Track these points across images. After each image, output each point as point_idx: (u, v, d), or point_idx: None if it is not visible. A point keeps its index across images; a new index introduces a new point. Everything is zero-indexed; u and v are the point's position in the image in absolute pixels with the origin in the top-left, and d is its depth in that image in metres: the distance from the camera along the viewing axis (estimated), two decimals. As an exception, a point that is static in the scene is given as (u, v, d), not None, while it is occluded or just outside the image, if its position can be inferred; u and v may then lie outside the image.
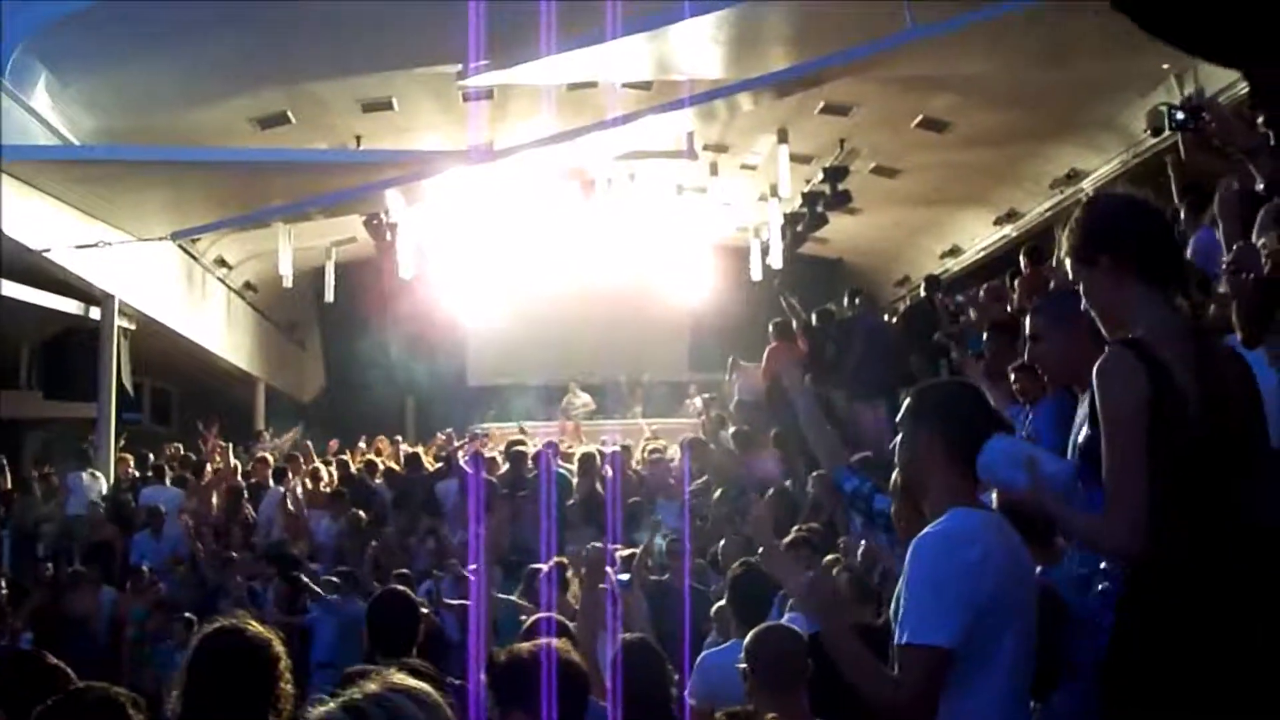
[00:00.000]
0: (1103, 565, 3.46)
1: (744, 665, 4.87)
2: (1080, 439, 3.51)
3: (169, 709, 3.78)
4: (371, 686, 2.14)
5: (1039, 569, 4.28)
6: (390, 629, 5.96)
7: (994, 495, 4.57)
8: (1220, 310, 5.12)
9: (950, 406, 3.60)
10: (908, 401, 3.68)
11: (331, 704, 2.10)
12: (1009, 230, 19.03)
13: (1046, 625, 3.47)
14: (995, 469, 3.50)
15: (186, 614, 12.36)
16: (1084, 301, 3.62)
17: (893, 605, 3.49)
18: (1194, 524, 3.19)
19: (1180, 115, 4.72)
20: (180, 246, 18.06)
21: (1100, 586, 3.39)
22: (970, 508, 3.44)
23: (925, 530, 3.39)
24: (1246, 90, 4.77)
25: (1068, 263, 3.69)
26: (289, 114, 15.95)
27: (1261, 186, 4.49)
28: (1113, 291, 3.48)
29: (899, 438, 3.70)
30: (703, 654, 6.89)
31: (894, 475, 4.50)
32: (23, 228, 13.85)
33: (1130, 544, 3.17)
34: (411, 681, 2.21)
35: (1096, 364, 3.34)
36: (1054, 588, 3.80)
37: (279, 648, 3.87)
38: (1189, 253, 7.58)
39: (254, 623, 4.03)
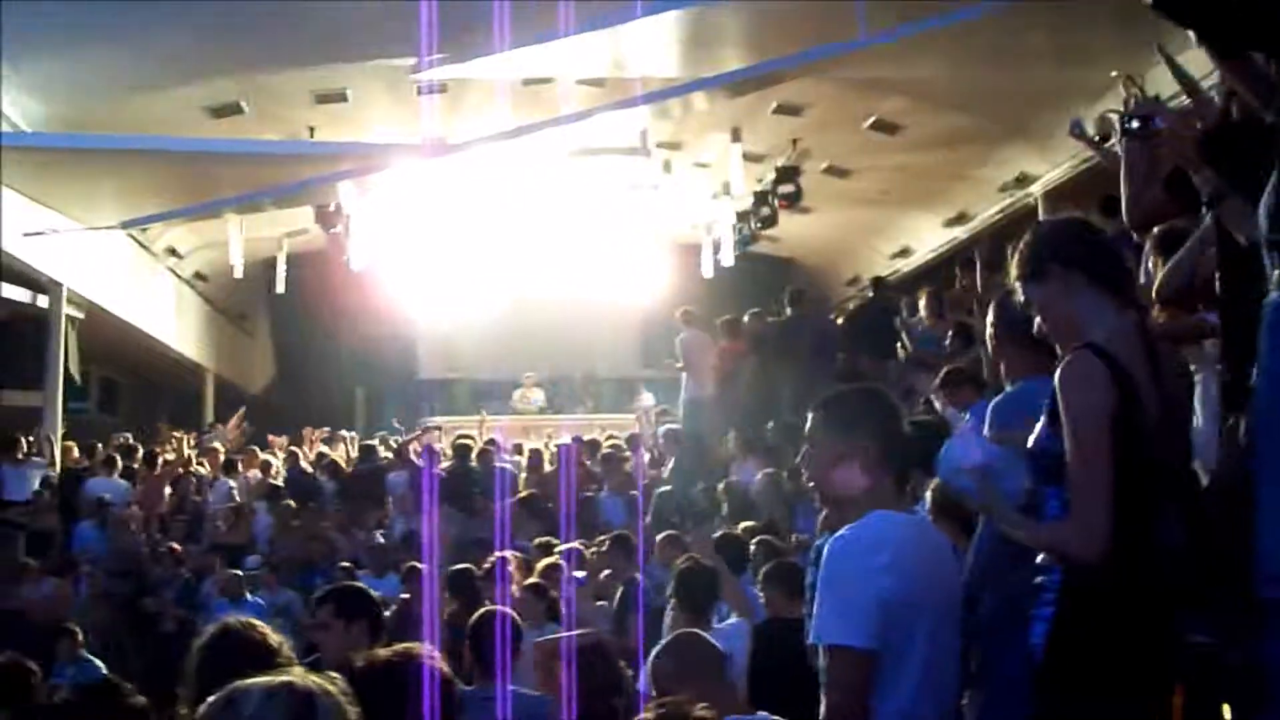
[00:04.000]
0: (1040, 559, 3.52)
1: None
2: (1035, 439, 3.55)
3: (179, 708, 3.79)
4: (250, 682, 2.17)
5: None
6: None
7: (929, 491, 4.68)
8: (1169, 320, 5.19)
9: (873, 412, 3.69)
10: (818, 412, 3.72)
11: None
12: (958, 233, 19.19)
13: None
14: (953, 477, 3.60)
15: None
16: (1036, 323, 3.70)
17: (813, 608, 3.59)
18: (1141, 534, 3.27)
19: (1133, 123, 4.71)
20: (130, 235, 17.93)
21: (1039, 580, 3.45)
22: (890, 510, 3.52)
23: (839, 532, 3.48)
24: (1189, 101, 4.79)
25: (1019, 289, 3.75)
26: (242, 104, 15.86)
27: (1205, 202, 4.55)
28: (1066, 300, 3.56)
29: (809, 449, 3.76)
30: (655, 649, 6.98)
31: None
32: (-31, 214, 13.74)
33: (1094, 552, 3.23)
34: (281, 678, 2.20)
35: (1060, 366, 3.40)
36: None
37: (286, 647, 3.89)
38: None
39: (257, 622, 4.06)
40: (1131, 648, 3.23)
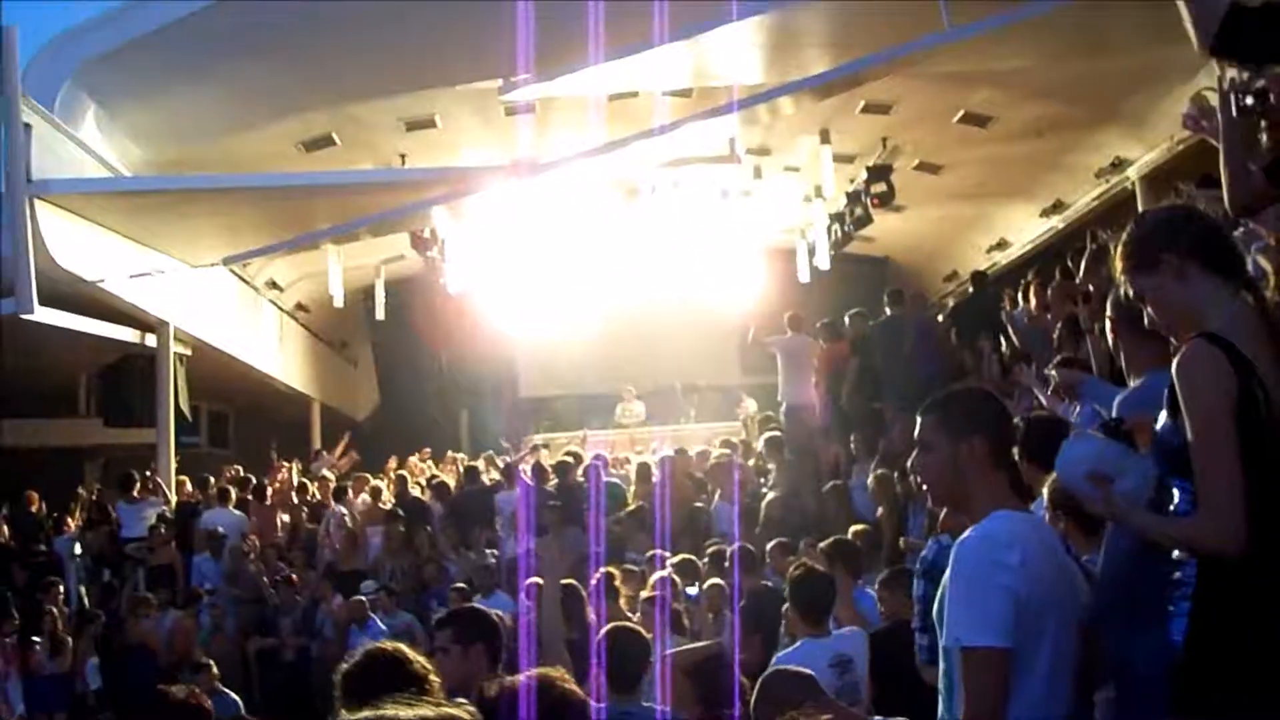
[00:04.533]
0: (1175, 554, 3.44)
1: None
2: (1159, 429, 3.47)
3: None
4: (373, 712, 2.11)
5: (1085, 557, 4.32)
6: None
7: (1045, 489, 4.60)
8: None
9: (986, 413, 3.65)
10: (930, 414, 3.68)
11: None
12: (1056, 221, 18.91)
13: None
14: (1073, 481, 3.55)
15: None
16: (1147, 314, 3.62)
17: (935, 607, 3.53)
18: (1266, 527, 3.17)
19: (1248, 99, 4.51)
20: (232, 271, 18.23)
21: (1175, 576, 3.36)
22: (1011, 510, 3.48)
23: (967, 533, 3.43)
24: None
25: (1126, 283, 3.67)
26: (334, 136, 16.11)
27: None
28: (1182, 289, 3.47)
29: (921, 452, 3.70)
30: (775, 657, 6.95)
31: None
32: (77, 259, 14.02)
33: (1230, 545, 3.14)
34: (417, 711, 2.14)
35: (1178, 357, 3.32)
36: None
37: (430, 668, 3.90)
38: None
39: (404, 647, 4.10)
40: (1276, 641, 3.13)
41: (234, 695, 11.59)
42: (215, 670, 11.63)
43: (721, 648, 5.98)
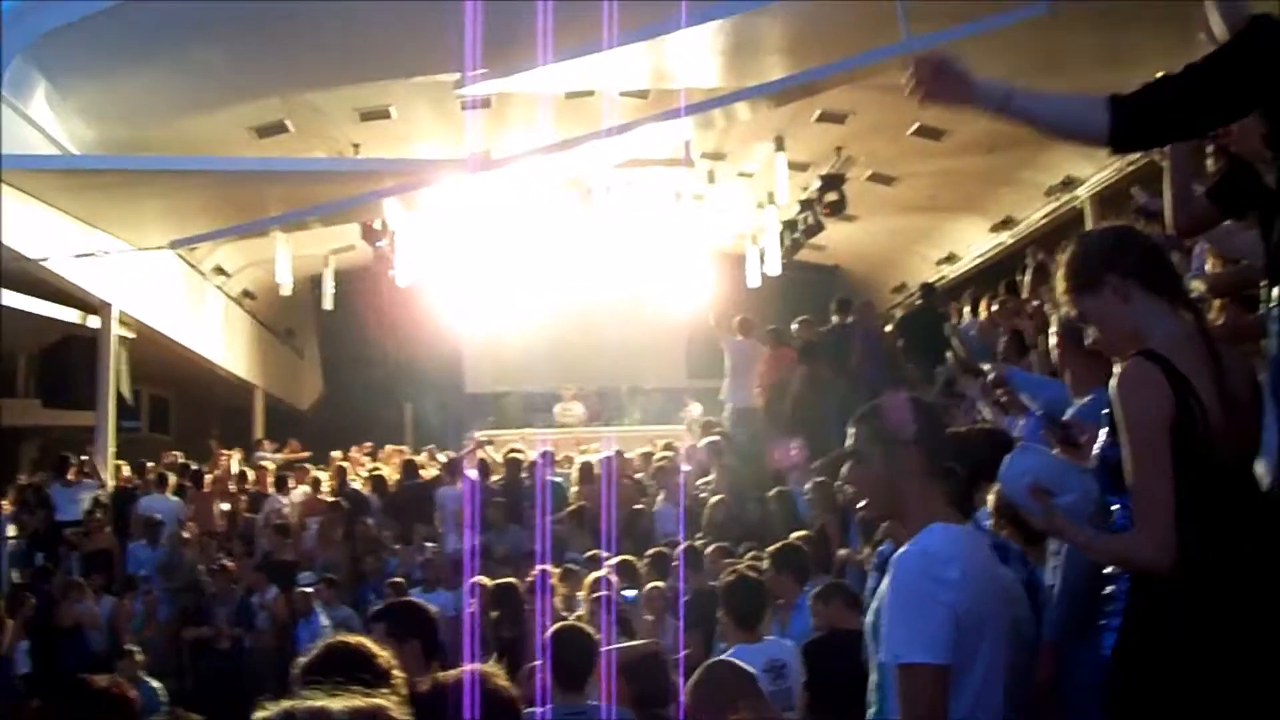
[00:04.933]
0: (1107, 570, 3.47)
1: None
2: (1098, 449, 3.52)
3: None
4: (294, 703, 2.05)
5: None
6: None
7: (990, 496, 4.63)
8: (1229, 317, 5.11)
9: (919, 421, 3.60)
10: (863, 424, 3.65)
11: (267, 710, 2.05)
12: (1005, 237, 19.06)
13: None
14: (1016, 493, 3.57)
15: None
16: (1089, 334, 3.65)
17: (869, 618, 3.53)
18: (1208, 540, 3.21)
19: None
20: (178, 255, 18.09)
21: (1108, 590, 3.40)
22: (947, 522, 3.47)
23: (905, 548, 3.42)
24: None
25: (1065, 303, 3.70)
26: (287, 123, 15.99)
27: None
28: (1122, 308, 3.50)
29: (854, 463, 3.69)
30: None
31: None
32: (22, 237, 13.88)
33: (1162, 561, 3.17)
34: (346, 702, 2.09)
35: (1116, 375, 3.36)
36: None
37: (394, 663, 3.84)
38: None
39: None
40: (1201, 658, 3.17)
41: (155, 684, 11.49)
42: (140, 658, 11.53)
43: (659, 646, 5.99)
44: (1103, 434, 3.45)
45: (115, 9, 13.24)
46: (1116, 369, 3.41)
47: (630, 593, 10.37)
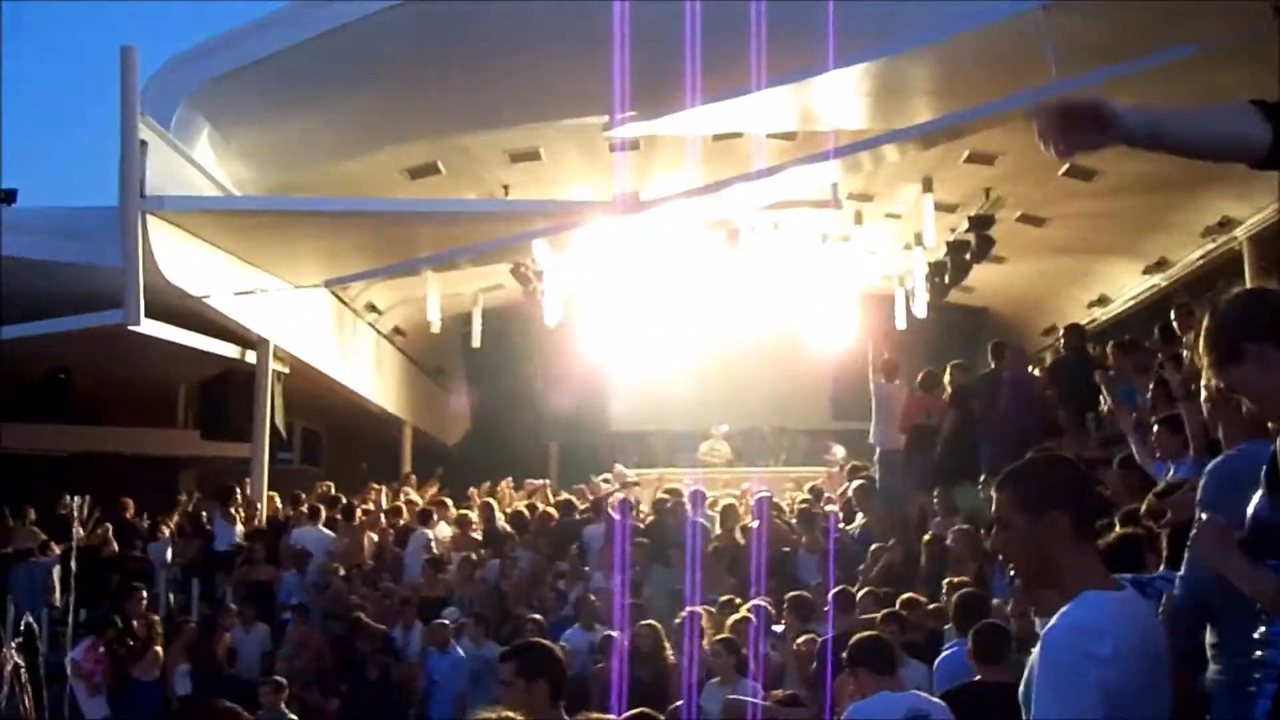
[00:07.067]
0: (1256, 634, 3.38)
1: None
2: (1254, 507, 3.43)
3: None
4: None
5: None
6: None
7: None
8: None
9: (1063, 484, 3.44)
10: (1004, 490, 3.47)
11: None
12: (1158, 279, 18.64)
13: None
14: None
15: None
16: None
17: (1021, 688, 3.44)
18: None
19: None
20: (332, 292, 18.49)
21: (1257, 655, 3.30)
22: (1101, 589, 3.36)
23: (1055, 620, 3.28)
24: None
25: (1212, 374, 3.58)
26: (439, 164, 16.29)
27: None
28: (1266, 375, 3.41)
29: (1000, 529, 3.52)
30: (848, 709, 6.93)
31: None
32: (185, 274, 14.33)
33: None
34: None
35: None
36: None
37: None
38: None
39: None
40: None
41: (293, 717, 11.68)
42: (285, 690, 11.73)
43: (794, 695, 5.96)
44: (1257, 496, 3.36)
45: (276, 56, 13.70)
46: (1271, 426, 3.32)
47: (778, 627, 10.36)
